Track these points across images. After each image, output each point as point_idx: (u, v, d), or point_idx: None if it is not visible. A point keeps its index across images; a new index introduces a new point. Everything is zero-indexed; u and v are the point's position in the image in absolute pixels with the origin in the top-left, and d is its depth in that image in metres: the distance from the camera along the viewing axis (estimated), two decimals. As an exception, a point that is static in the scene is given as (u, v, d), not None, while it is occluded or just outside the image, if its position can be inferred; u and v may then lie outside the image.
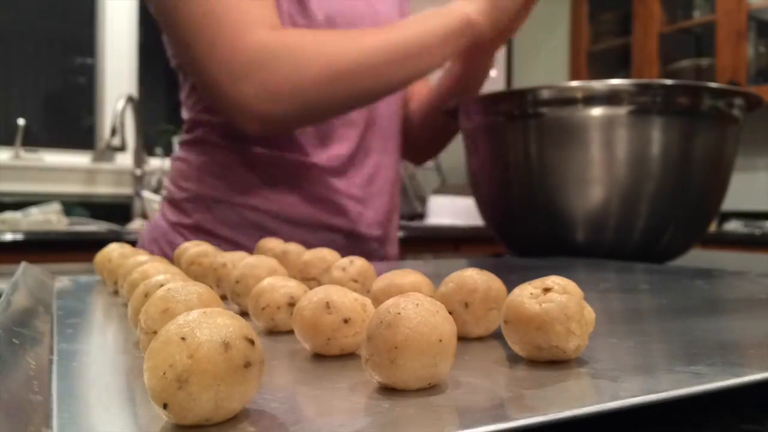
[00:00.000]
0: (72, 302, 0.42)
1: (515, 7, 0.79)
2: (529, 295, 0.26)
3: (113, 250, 0.50)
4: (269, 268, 0.40)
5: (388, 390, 0.23)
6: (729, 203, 0.98)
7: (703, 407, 0.23)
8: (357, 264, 0.41)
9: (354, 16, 0.83)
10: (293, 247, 0.53)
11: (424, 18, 0.76)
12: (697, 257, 0.99)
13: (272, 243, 0.58)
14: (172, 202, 0.84)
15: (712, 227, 2.35)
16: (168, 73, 1.41)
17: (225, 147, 0.81)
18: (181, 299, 0.27)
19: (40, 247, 1.78)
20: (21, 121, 2.41)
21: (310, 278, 0.45)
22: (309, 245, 0.83)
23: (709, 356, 0.26)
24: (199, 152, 0.82)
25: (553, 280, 0.27)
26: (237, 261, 0.45)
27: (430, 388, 0.23)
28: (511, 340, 0.26)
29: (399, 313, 0.23)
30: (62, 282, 0.51)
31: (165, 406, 0.19)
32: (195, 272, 0.47)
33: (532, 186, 0.76)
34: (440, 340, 0.22)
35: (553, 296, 0.26)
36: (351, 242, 0.84)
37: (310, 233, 0.82)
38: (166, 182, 0.88)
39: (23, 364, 0.24)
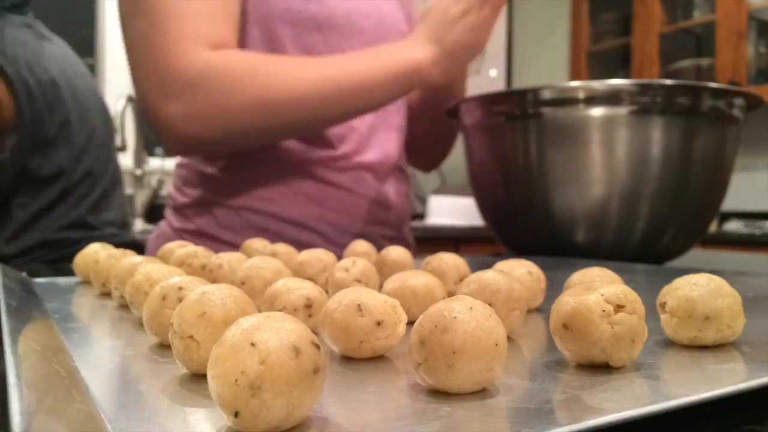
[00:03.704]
0: (62, 305, 0.41)
1: (473, 58, 0.75)
2: (601, 312, 0.25)
3: (97, 251, 0.49)
4: (275, 269, 0.39)
5: (440, 393, 0.22)
6: (729, 203, 0.98)
7: (703, 407, 0.23)
8: (360, 264, 0.41)
9: (359, 15, 0.82)
10: (283, 248, 0.52)
11: (374, 55, 0.73)
12: (697, 257, 0.99)
13: (259, 244, 0.57)
14: (175, 208, 0.85)
15: (712, 227, 2.35)
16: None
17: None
18: (218, 302, 0.26)
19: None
20: (21, 121, 2.40)
21: (305, 279, 0.45)
22: (312, 246, 0.82)
23: (715, 356, 0.27)
24: (201, 157, 0.82)
25: (625, 295, 0.26)
26: (234, 262, 0.45)
27: (482, 391, 0.23)
28: (565, 345, 0.26)
29: (455, 317, 0.22)
30: (40, 284, 0.50)
31: (236, 415, 0.18)
32: (185, 273, 0.47)
33: (532, 186, 0.76)
34: (496, 344, 0.22)
35: (624, 317, 0.25)
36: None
37: (313, 234, 0.81)
38: (170, 189, 0.88)
39: (54, 372, 0.24)
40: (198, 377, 0.25)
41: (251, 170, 0.80)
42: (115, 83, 2.35)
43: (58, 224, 1.21)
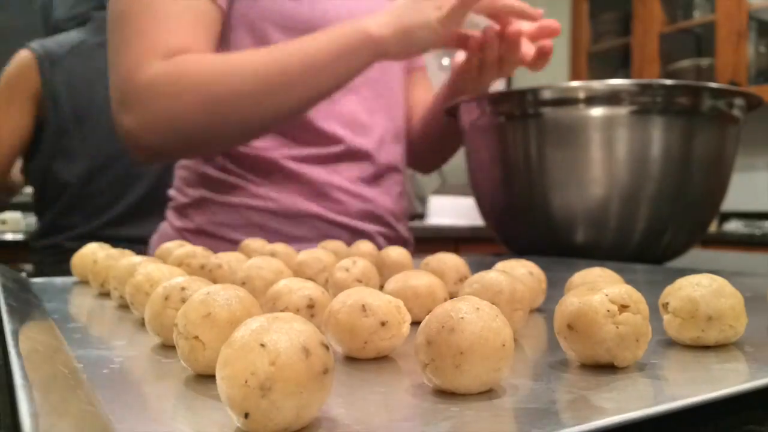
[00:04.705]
0: (60, 305, 0.41)
1: (432, 22, 0.71)
2: (605, 312, 0.25)
3: (95, 251, 0.49)
4: (276, 270, 0.39)
5: (447, 394, 0.22)
6: (729, 203, 0.98)
7: (705, 407, 0.23)
8: (360, 264, 0.41)
9: (353, 16, 0.80)
10: (282, 248, 0.52)
11: (319, 36, 0.70)
12: (697, 257, 0.99)
13: (257, 243, 0.57)
14: (176, 208, 0.86)
15: (712, 227, 2.35)
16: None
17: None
18: (223, 303, 0.26)
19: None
20: (21, 121, 2.39)
21: (305, 279, 0.45)
22: (309, 241, 0.80)
23: (718, 356, 0.27)
24: (200, 158, 0.83)
25: (630, 295, 0.26)
26: (234, 262, 0.45)
27: (489, 392, 0.23)
28: (570, 346, 0.26)
29: (462, 318, 0.22)
30: (36, 284, 0.50)
31: (246, 416, 0.18)
32: (185, 273, 0.47)
33: (532, 186, 0.76)
34: (503, 345, 0.22)
35: (629, 318, 0.25)
36: (354, 237, 0.83)
37: (311, 229, 0.81)
38: (171, 191, 0.89)
39: (58, 372, 0.23)
40: (203, 378, 0.25)
41: (248, 169, 0.80)
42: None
43: (72, 233, 1.27)
